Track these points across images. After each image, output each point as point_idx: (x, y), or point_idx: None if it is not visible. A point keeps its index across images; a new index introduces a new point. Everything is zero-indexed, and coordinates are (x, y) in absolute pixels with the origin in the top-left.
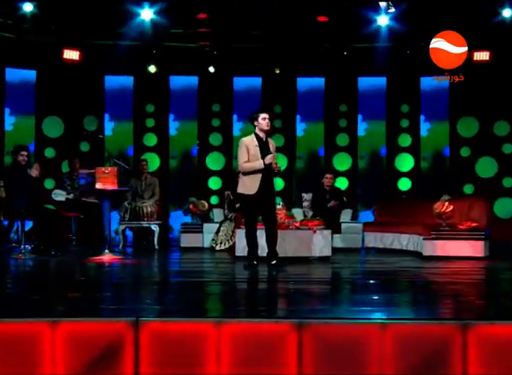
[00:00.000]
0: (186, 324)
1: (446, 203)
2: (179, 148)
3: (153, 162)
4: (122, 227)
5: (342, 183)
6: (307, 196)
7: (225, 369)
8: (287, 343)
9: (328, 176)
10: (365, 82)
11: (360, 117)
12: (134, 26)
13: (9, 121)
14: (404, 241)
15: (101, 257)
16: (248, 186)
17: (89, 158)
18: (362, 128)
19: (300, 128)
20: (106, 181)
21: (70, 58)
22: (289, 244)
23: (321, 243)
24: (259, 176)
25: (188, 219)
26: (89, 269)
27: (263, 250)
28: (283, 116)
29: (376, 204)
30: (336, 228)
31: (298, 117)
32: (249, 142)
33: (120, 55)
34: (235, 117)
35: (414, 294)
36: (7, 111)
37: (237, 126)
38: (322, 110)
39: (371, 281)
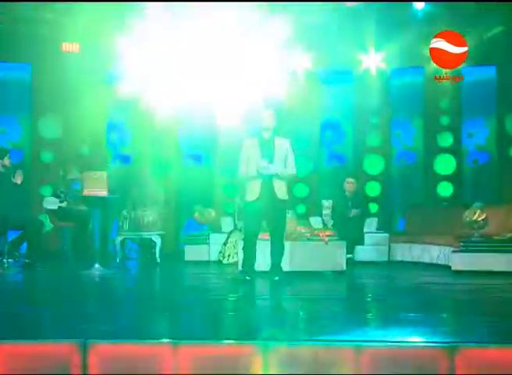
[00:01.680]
0: (140, 347)
1: (478, 211)
2: None
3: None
4: (119, 238)
5: (373, 189)
6: (327, 203)
7: None
8: (253, 367)
9: (349, 180)
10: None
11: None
12: None
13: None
14: (435, 253)
15: (90, 271)
16: (249, 192)
17: (92, 160)
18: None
19: None
20: (95, 187)
21: (69, 49)
22: (298, 258)
23: (334, 256)
24: (259, 181)
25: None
26: (66, 286)
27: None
28: None
29: (407, 211)
30: (358, 239)
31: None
32: (249, 143)
33: None
34: None
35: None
36: None
37: None
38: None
39: (380, 299)
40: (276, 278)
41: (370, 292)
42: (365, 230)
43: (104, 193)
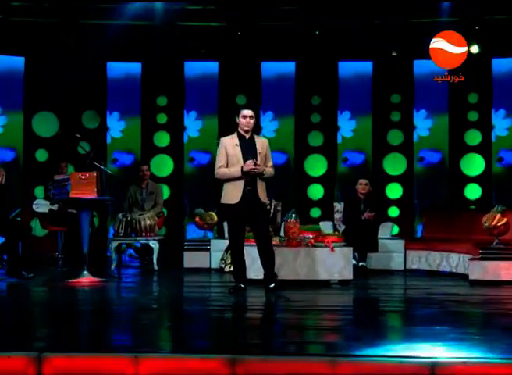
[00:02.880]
0: (98, 360)
1: (498, 215)
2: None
3: (165, 165)
4: (114, 244)
5: (394, 191)
6: (339, 206)
7: None
8: None
9: (362, 182)
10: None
11: (416, 109)
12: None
13: None
14: (454, 261)
15: (78, 280)
16: (229, 194)
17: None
18: (419, 123)
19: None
20: (83, 189)
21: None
22: (300, 265)
23: (340, 263)
24: (241, 182)
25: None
26: (44, 295)
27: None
28: (322, 108)
29: (426, 215)
30: (372, 245)
31: (341, 110)
32: (228, 142)
33: (126, 38)
34: (268, 113)
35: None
36: None
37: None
38: (370, 101)
39: (382, 310)
40: (272, 285)
41: (374, 304)
42: (380, 235)
43: (93, 195)
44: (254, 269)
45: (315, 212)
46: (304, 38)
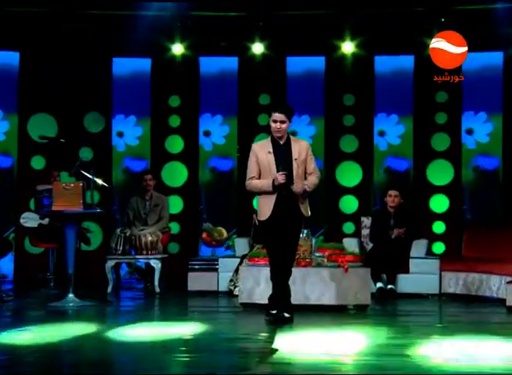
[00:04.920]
0: None
1: None
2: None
3: (179, 173)
4: (111, 263)
5: (439, 204)
6: (367, 221)
7: None
8: None
9: (391, 193)
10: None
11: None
12: None
13: None
14: (495, 284)
15: (62, 303)
16: (262, 208)
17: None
18: (468, 125)
19: (380, 126)
20: (67, 201)
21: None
22: (311, 288)
23: (356, 286)
24: (273, 196)
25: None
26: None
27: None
28: (356, 109)
29: (466, 231)
30: (402, 266)
31: (377, 111)
32: (259, 148)
33: (134, 30)
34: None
35: None
36: None
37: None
38: (411, 99)
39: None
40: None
41: (386, 335)
42: (413, 254)
43: (79, 207)
44: (259, 291)
45: (349, 228)
46: (335, 28)
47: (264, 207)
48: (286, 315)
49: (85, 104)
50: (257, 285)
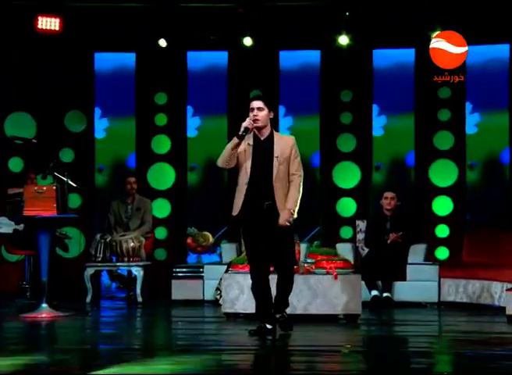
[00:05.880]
0: None
1: None
2: (201, 155)
3: (166, 175)
4: (90, 271)
5: (442, 205)
6: (362, 225)
7: None
8: None
9: (387, 195)
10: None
11: (468, 107)
12: None
13: None
14: (496, 291)
15: (35, 314)
16: (234, 203)
17: (76, 171)
18: (472, 123)
19: (379, 124)
20: (39, 205)
21: (47, 28)
22: (297, 297)
23: (345, 295)
24: (243, 187)
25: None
26: None
27: None
28: (354, 105)
29: (466, 236)
30: (399, 273)
31: (375, 108)
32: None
33: (117, 23)
34: (282, 109)
35: None
36: None
37: (285, 123)
38: (412, 96)
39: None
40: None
41: (379, 346)
42: (410, 260)
43: (52, 212)
44: (243, 300)
45: (346, 232)
46: (332, 21)
47: (237, 200)
48: (269, 326)
49: (66, 101)
50: (241, 293)
